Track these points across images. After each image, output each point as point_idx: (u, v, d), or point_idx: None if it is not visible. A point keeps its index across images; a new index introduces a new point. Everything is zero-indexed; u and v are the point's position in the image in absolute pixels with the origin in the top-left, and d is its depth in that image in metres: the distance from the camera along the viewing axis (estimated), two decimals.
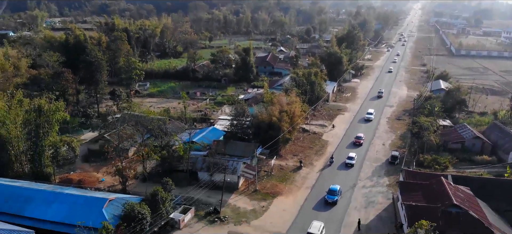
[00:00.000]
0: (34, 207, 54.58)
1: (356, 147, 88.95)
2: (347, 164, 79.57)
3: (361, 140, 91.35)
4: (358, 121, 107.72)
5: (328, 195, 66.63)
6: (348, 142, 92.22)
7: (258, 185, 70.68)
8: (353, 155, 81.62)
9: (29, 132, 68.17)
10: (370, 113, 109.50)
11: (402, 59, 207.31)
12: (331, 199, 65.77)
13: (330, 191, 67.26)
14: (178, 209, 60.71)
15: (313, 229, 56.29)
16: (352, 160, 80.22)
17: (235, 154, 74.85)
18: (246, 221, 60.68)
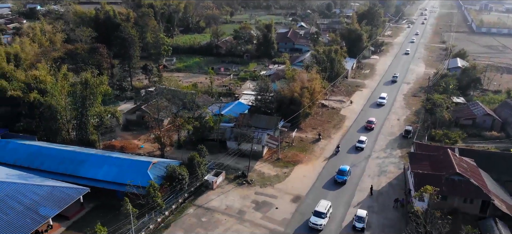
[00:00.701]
0: (87, 168, 63.54)
1: (368, 131, 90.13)
2: (357, 148, 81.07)
3: (373, 124, 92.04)
4: (372, 103, 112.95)
5: (338, 175, 69.50)
6: (360, 126, 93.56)
7: (280, 154, 78.32)
8: (363, 139, 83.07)
9: (75, 103, 76.91)
10: (382, 98, 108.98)
11: (422, 35, 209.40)
12: (340, 179, 68.75)
13: (340, 171, 70.15)
14: (211, 172, 69.05)
15: (320, 208, 58.70)
16: (362, 144, 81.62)
17: (260, 126, 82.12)
18: (270, 184, 68.65)
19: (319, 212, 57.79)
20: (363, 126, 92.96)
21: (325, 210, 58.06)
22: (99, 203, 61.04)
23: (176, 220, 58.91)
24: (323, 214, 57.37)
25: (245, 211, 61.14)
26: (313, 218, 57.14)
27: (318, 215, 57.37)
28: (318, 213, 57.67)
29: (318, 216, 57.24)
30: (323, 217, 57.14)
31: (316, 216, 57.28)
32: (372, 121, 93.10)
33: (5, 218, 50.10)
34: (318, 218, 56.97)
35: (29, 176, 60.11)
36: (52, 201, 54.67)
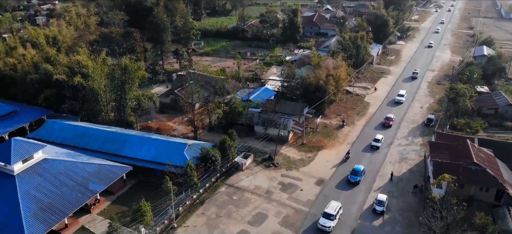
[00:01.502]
0: (129, 148, 69.76)
1: (385, 128, 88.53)
2: (373, 147, 79.60)
3: (391, 121, 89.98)
4: (395, 94, 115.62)
5: (351, 175, 68.74)
6: (377, 123, 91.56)
7: (305, 139, 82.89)
8: (380, 137, 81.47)
9: (114, 86, 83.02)
10: (401, 95, 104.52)
11: (450, 21, 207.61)
12: (353, 179, 68.00)
13: (354, 171, 69.42)
14: (240, 155, 74.38)
15: (329, 210, 58.23)
16: (378, 143, 79.89)
17: (286, 112, 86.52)
18: (295, 167, 73.53)
19: (328, 214, 57.54)
20: (381, 122, 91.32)
21: (334, 212, 57.65)
22: (139, 180, 67.41)
23: (209, 197, 64.73)
24: (332, 216, 57.06)
25: (272, 191, 66.38)
26: (322, 220, 57.17)
27: (327, 217, 57.24)
28: (327, 214, 57.47)
29: (327, 218, 57.14)
30: (332, 219, 56.88)
31: (325, 218, 57.29)
32: (390, 118, 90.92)
33: (59, 192, 56.67)
34: (327, 220, 56.88)
35: (76, 154, 66.71)
36: (99, 177, 61.12)
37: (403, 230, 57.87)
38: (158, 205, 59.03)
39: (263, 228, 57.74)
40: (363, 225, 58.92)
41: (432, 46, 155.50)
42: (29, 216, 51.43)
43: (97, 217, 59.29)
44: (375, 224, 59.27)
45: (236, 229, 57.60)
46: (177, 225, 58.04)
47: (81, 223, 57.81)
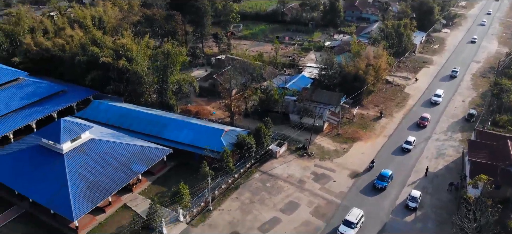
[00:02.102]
0: (170, 131, 73.28)
1: (420, 129, 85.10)
2: (404, 149, 76.69)
3: (426, 121, 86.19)
4: (441, 78, 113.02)
5: (378, 180, 66.37)
6: (411, 122, 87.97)
7: (341, 130, 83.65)
8: (411, 139, 78.17)
9: (156, 70, 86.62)
10: (438, 95, 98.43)
11: (498, 9, 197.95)
12: (380, 185, 65.66)
13: (380, 176, 66.89)
14: (274, 142, 76.41)
15: (350, 217, 56.92)
16: (409, 145, 76.83)
17: (322, 101, 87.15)
18: (329, 158, 74.79)
19: (349, 221, 56.29)
20: (415, 122, 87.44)
21: (355, 220, 56.36)
22: (178, 162, 70.96)
23: (244, 182, 67.43)
24: (353, 224, 55.86)
25: (305, 181, 68.18)
26: (342, 228, 56.05)
27: (347, 225, 56.05)
28: (348, 222, 56.24)
29: (347, 226, 55.95)
30: (352, 227, 55.70)
31: (345, 225, 56.12)
32: (425, 118, 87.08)
33: (104, 172, 60.98)
34: (348, 228, 55.72)
35: (120, 135, 70.94)
36: (141, 159, 65.03)
37: (435, 228, 58.34)
38: (196, 188, 62.34)
39: (294, 217, 59.87)
40: (395, 220, 59.80)
41: (476, 42, 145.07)
42: (76, 193, 55.94)
43: (138, 196, 63.39)
44: (407, 219, 60.02)
45: (268, 215, 60.07)
46: (212, 208, 61.21)
47: (124, 201, 62.06)
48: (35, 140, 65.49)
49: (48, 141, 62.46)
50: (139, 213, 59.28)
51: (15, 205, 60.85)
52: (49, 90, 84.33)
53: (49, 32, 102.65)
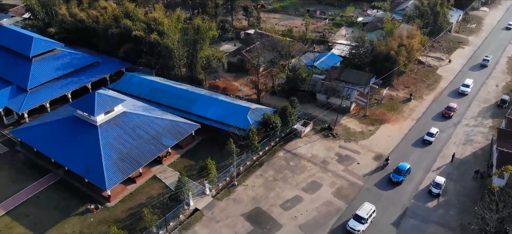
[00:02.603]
0: (198, 107, 75.99)
1: (445, 119, 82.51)
2: (425, 141, 74.83)
3: (452, 112, 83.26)
4: (472, 66, 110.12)
5: (394, 174, 65.40)
6: (438, 110, 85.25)
7: (368, 111, 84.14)
8: (434, 131, 75.79)
9: (186, 44, 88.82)
10: (466, 85, 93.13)
11: None
12: (396, 179, 64.61)
13: (397, 169, 65.82)
14: (300, 122, 78.02)
15: (361, 212, 56.53)
16: (431, 137, 74.68)
17: (350, 81, 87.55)
18: (354, 140, 75.92)
19: (359, 216, 56.05)
20: (441, 112, 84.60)
21: (366, 215, 56.05)
22: (206, 137, 73.88)
23: (268, 160, 69.78)
24: (363, 219, 55.56)
25: (329, 161, 69.85)
26: (351, 222, 55.83)
27: (357, 220, 55.81)
28: (359, 217, 56.00)
29: (357, 221, 55.69)
30: (363, 222, 55.41)
31: (355, 220, 55.89)
32: (452, 108, 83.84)
33: (135, 144, 64.51)
34: (357, 223, 55.44)
35: (151, 108, 74.21)
36: (171, 133, 68.22)
37: (456, 215, 59.26)
38: (222, 164, 65.23)
39: (316, 197, 62.01)
40: (416, 206, 61.01)
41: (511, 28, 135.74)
42: (109, 164, 59.75)
43: (167, 168, 66.91)
44: (429, 205, 61.11)
45: (290, 193, 62.45)
46: (237, 183, 64.09)
47: (154, 172, 65.72)
48: (70, 111, 69.56)
49: (83, 112, 66.31)
50: (168, 185, 62.88)
51: (52, 172, 65.46)
52: (83, 61, 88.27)
53: (84, 3, 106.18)
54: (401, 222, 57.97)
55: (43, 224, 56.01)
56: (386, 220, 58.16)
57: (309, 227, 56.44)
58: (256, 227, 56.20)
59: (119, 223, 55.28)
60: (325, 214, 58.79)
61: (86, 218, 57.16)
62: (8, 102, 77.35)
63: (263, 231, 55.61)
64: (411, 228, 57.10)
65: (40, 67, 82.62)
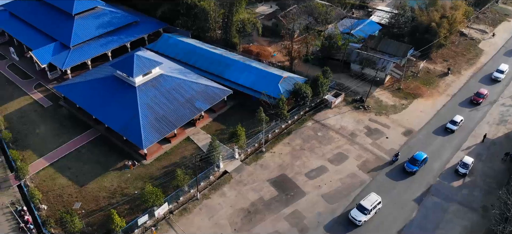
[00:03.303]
0: (231, 72, 79.51)
1: (473, 106, 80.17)
2: (447, 129, 73.53)
3: (481, 98, 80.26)
4: None
5: (408, 163, 64.90)
6: (464, 98, 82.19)
7: (403, 84, 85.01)
8: (458, 119, 74.04)
9: (222, 6, 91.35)
10: (500, 71, 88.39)
11: None
12: (410, 169, 64.19)
13: (412, 159, 65.26)
14: (331, 92, 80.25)
15: (365, 203, 56.86)
16: (454, 126, 73.33)
17: (387, 51, 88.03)
18: (385, 113, 77.71)
19: (363, 207, 56.58)
20: (469, 98, 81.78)
21: (370, 206, 56.51)
22: (237, 103, 77.79)
23: (296, 129, 73.13)
24: (366, 210, 56.14)
25: (357, 134, 72.39)
26: (354, 211, 56.61)
27: (361, 210, 56.41)
28: (362, 207, 56.54)
29: (360, 211, 56.34)
30: (365, 213, 55.98)
31: (358, 210, 56.53)
32: (482, 94, 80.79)
33: (171, 106, 69.23)
34: (360, 213, 56.11)
35: (187, 71, 78.38)
36: (205, 97, 72.45)
37: (481, 197, 61.17)
38: (251, 130, 69.24)
39: (341, 168, 65.27)
40: (441, 184, 63.21)
41: None
42: (146, 124, 64.90)
43: (200, 131, 71.64)
44: (454, 184, 63.18)
45: (316, 163, 65.97)
46: (265, 150, 68.11)
47: (187, 134, 70.64)
48: (110, 70, 74.62)
49: (122, 73, 71.25)
50: (200, 147, 67.72)
51: (93, 128, 71.55)
52: (123, 20, 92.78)
53: None
54: (423, 199, 60.58)
55: (84, 177, 62.40)
56: (408, 196, 60.94)
57: (331, 197, 60.16)
58: (280, 192, 60.48)
59: (153, 180, 60.94)
60: (348, 186, 62.19)
61: (123, 173, 63.10)
62: (52, 58, 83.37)
63: (287, 197, 59.83)
64: (432, 205, 59.68)
65: (82, 25, 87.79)
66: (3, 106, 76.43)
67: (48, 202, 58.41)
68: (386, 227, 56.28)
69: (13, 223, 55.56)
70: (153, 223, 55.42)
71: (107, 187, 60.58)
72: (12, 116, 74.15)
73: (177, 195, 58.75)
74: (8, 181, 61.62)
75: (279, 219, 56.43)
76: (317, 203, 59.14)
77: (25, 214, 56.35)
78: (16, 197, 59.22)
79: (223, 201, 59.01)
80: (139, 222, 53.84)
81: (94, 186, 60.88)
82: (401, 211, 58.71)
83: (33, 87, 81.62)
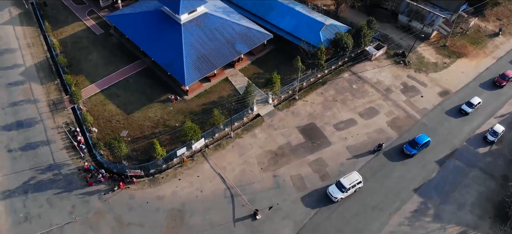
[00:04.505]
0: (273, 15, 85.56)
1: (495, 89, 79.65)
2: (461, 111, 74.35)
3: (506, 81, 79.49)
4: None
5: (407, 145, 67.63)
6: (485, 79, 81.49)
7: (449, 41, 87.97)
8: (475, 102, 74.36)
9: None
10: None
11: None
12: (408, 151, 66.97)
13: (412, 141, 67.85)
14: (373, 44, 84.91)
15: (345, 181, 61.05)
16: (469, 108, 74.00)
17: (439, 5, 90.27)
18: (425, 71, 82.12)
19: (341, 184, 60.86)
20: (492, 79, 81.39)
21: (348, 185, 60.57)
22: (276, 47, 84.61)
23: (332, 79, 79.69)
24: (344, 188, 60.37)
25: (392, 90, 78.03)
26: (332, 188, 61.14)
27: (339, 187, 60.80)
28: (341, 185, 60.85)
29: (338, 188, 60.76)
30: (343, 191, 60.30)
31: (336, 186, 61.04)
32: (507, 77, 79.87)
33: (213, 46, 77.18)
34: (337, 190, 60.60)
35: (230, 11, 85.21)
36: (245, 40, 79.73)
37: (503, 166, 66.69)
38: (287, 76, 76.60)
39: (370, 123, 72.08)
40: (466, 149, 68.95)
41: None
42: (189, 63, 73.57)
43: (238, 73, 79.77)
44: (479, 151, 68.80)
45: (346, 116, 73.08)
46: (298, 98, 75.66)
47: (226, 75, 79.03)
48: (158, 5, 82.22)
49: (169, 9, 79.07)
50: (237, 88, 76.18)
51: (139, 60, 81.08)
52: None
53: None
54: (446, 162, 67.02)
55: (131, 105, 72.94)
56: (431, 157, 67.47)
57: (355, 149, 67.80)
58: (307, 140, 68.70)
59: (193, 116, 70.61)
60: (374, 141, 69.30)
61: (166, 106, 73.10)
62: None
63: (313, 145, 68.03)
64: (454, 168, 66.14)
65: None
66: (59, 30, 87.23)
67: (99, 126, 69.77)
68: (404, 184, 63.72)
69: (66, 142, 67.52)
70: (190, 154, 65.71)
71: (151, 117, 71.00)
72: (67, 40, 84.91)
73: (213, 132, 68.36)
74: (63, 103, 73.25)
75: (303, 164, 65.15)
76: (341, 154, 67.12)
77: (78, 135, 68.11)
78: (70, 119, 70.98)
79: (253, 142, 68.17)
80: (178, 153, 64.17)
81: (139, 115, 71.46)
82: (422, 170, 65.71)
83: (86, 13, 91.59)
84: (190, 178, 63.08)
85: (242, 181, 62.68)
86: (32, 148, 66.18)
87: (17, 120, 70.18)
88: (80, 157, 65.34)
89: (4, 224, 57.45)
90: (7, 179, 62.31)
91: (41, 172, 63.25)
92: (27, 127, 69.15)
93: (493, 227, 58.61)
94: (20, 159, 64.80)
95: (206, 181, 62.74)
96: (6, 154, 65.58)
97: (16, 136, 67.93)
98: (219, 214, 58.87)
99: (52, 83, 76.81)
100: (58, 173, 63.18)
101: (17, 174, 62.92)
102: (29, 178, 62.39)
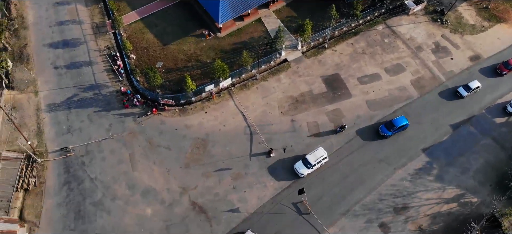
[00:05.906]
0: None
1: (497, 76, 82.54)
2: (457, 94, 78.64)
3: (507, 70, 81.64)
4: None
5: (383, 126, 72.99)
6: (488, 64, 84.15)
7: (492, 3, 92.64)
8: (474, 86, 77.84)
9: None
10: None
11: None
12: (383, 132, 72.44)
13: (388, 123, 72.95)
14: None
15: (311, 157, 67.49)
16: (466, 91, 78.04)
17: None
18: (461, 32, 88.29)
19: (307, 161, 67.38)
20: (494, 66, 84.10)
21: (314, 161, 67.09)
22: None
23: (365, 31, 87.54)
24: (310, 165, 66.95)
25: (423, 49, 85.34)
26: (298, 164, 67.86)
27: (305, 163, 67.42)
28: (306, 161, 67.44)
29: (304, 164, 67.42)
30: (309, 167, 66.96)
31: (302, 163, 67.71)
32: (510, 65, 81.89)
33: None
34: (303, 167, 67.33)
35: None
36: None
37: None
38: (319, 23, 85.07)
39: (393, 79, 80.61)
40: (484, 117, 76.76)
41: None
42: (224, 2, 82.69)
43: (272, 14, 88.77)
44: (496, 120, 76.55)
45: (371, 70, 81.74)
46: (327, 46, 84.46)
47: (260, 15, 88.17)
48: None
49: None
50: (268, 31, 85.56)
51: None
52: None
53: None
54: (460, 127, 75.51)
55: (168, 37, 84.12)
56: (447, 120, 75.99)
57: (374, 105, 77.17)
58: (329, 90, 78.53)
59: (223, 54, 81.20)
60: (394, 98, 78.28)
61: (200, 41, 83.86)
62: None
63: (334, 95, 77.86)
64: (466, 134, 74.68)
65: None
66: None
67: (137, 53, 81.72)
68: (413, 142, 73.08)
69: (107, 65, 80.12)
70: (217, 91, 77.06)
71: (185, 51, 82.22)
72: None
73: (240, 72, 79.08)
74: (105, 27, 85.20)
75: (321, 113, 75.53)
76: (359, 107, 76.81)
77: (117, 60, 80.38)
78: (111, 43, 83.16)
79: (277, 86, 78.69)
80: (206, 89, 75.66)
81: (174, 47, 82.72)
82: (435, 132, 74.70)
83: None
84: (215, 112, 74.96)
85: (262, 121, 74.02)
86: (76, 67, 79.44)
87: (63, 39, 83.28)
88: (119, 81, 78.00)
89: (48, 133, 71.77)
90: (53, 93, 76.20)
91: (83, 90, 76.69)
92: (72, 47, 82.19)
93: (491, 195, 67.48)
94: (65, 76, 78.34)
95: (230, 117, 74.44)
96: (53, 70, 79.21)
97: (62, 54, 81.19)
98: (237, 147, 70.96)
99: (96, 6, 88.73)
100: (98, 93, 76.42)
101: (62, 90, 76.73)
102: (73, 94, 76.11)
